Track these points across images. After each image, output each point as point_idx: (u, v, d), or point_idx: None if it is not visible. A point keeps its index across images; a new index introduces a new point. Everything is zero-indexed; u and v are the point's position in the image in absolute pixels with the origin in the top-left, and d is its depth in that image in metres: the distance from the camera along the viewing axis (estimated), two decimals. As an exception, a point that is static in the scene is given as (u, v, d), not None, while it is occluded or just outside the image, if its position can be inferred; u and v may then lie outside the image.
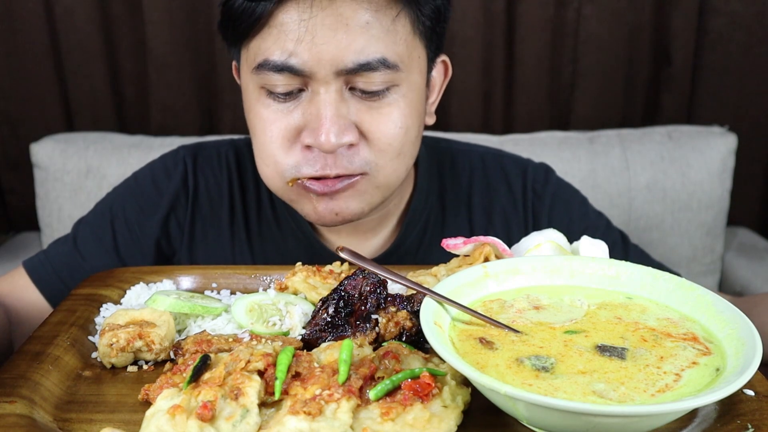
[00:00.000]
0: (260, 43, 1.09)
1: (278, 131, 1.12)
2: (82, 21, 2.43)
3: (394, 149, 1.14)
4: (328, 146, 1.07)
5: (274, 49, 1.07)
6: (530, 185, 1.41)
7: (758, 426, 0.72)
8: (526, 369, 0.73)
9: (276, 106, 1.12)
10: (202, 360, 0.77)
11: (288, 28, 1.06)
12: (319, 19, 1.05)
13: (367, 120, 1.11)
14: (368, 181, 1.15)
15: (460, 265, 0.98)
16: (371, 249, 1.36)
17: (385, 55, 1.08)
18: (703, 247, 2.41)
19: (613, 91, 2.58)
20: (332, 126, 1.07)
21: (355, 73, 1.07)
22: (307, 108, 1.10)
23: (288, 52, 1.06)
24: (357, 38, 1.05)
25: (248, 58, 1.13)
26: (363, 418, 0.72)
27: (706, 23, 2.49)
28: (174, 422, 0.69)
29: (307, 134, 1.10)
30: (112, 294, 1.04)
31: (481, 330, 0.81)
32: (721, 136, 2.39)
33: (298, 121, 1.11)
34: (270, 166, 1.15)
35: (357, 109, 1.10)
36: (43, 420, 0.74)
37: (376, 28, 1.07)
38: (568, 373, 0.72)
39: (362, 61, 1.06)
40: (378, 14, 1.07)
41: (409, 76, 1.13)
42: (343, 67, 1.06)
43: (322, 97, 1.08)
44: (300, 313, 0.94)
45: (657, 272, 0.89)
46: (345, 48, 1.05)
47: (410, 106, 1.14)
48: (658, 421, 0.68)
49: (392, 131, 1.12)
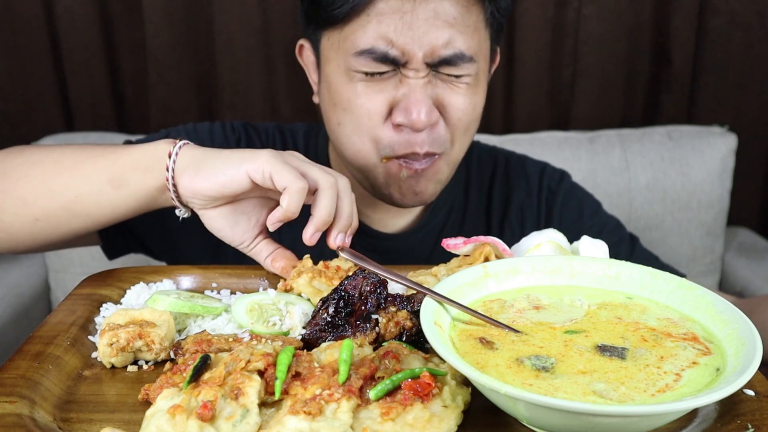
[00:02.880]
0: (357, 29, 1.19)
1: (374, 106, 1.22)
2: (82, 21, 2.43)
3: (464, 124, 1.26)
4: (420, 124, 1.19)
5: (375, 37, 1.17)
6: (546, 183, 1.52)
7: (758, 426, 0.72)
8: (527, 369, 0.73)
9: (367, 83, 1.21)
10: (202, 360, 0.77)
11: (386, 18, 1.16)
12: (418, 13, 1.16)
13: (446, 99, 1.23)
14: (443, 160, 1.27)
15: (460, 265, 0.98)
16: (401, 225, 1.46)
17: (468, 49, 1.20)
18: (703, 247, 2.41)
19: (613, 91, 2.58)
20: (423, 106, 1.19)
21: (441, 62, 1.19)
22: (398, 89, 1.21)
23: (388, 41, 1.17)
24: (446, 32, 1.18)
25: (341, 42, 1.22)
26: (363, 418, 0.72)
27: (706, 23, 2.49)
28: (174, 422, 0.69)
29: (399, 113, 1.20)
30: (112, 294, 1.04)
31: (481, 330, 0.81)
32: (721, 136, 2.39)
33: (390, 99, 1.21)
34: (367, 143, 1.25)
35: (438, 90, 1.22)
36: (43, 420, 0.74)
37: (460, 24, 1.19)
38: (569, 373, 0.72)
39: (449, 54, 1.18)
40: (463, 11, 1.19)
41: (480, 64, 1.26)
42: (436, 57, 1.18)
43: (413, 80, 1.19)
44: (300, 313, 0.94)
45: (657, 272, 0.89)
46: (436, 40, 1.17)
47: (477, 87, 1.27)
48: (658, 421, 0.68)
49: (464, 107, 1.24)
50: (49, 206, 1.11)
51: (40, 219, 1.13)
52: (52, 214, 1.12)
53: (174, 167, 1.03)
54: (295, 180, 0.96)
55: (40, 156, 1.15)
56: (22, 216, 1.13)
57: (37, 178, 1.12)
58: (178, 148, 1.04)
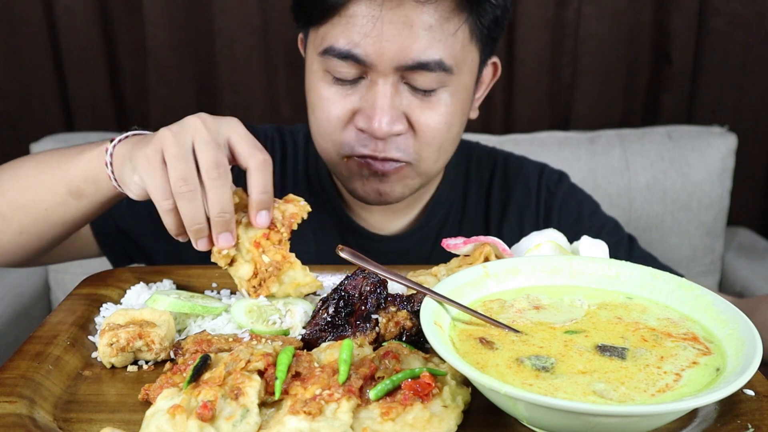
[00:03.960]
0: (329, 30, 1.18)
1: (336, 111, 1.21)
2: (82, 21, 2.43)
3: (437, 142, 1.24)
4: (380, 133, 1.17)
5: (340, 37, 1.16)
6: (545, 184, 1.52)
7: (758, 426, 0.72)
8: (527, 369, 0.73)
9: (336, 88, 1.21)
10: (202, 360, 0.77)
11: (357, 21, 1.15)
12: (387, 18, 1.13)
13: (416, 113, 1.20)
14: (411, 169, 1.25)
15: (460, 265, 0.98)
16: (398, 227, 1.46)
17: (442, 58, 1.16)
18: (703, 247, 2.41)
19: (613, 91, 2.58)
20: (385, 115, 1.17)
21: (412, 70, 1.16)
22: (364, 95, 1.20)
23: (353, 42, 1.15)
24: (419, 39, 1.14)
25: (315, 41, 1.22)
26: (363, 418, 0.72)
27: (706, 23, 2.49)
28: (174, 422, 0.69)
29: (361, 119, 1.20)
30: (112, 294, 1.04)
31: (481, 330, 0.81)
32: (721, 136, 2.39)
33: (355, 105, 1.21)
34: (328, 142, 1.25)
35: (408, 102, 1.20)
36: (43, 420, 0.74)
37: (437, 32, 1.15)
38: (569, 373, 0.72)
39: (421, 60, 1.15)
40: (441, 20, 1.15)
41: (460, 77, 1.22)
42: (402, 63, 1.15)
43: (380, 87, 1.17)
44: (300, 313, 0.94)
45: (657, 272, 0.89)
46: (407, 47, 1.14)
47: (456, 105, 1.23)
48: (658, 421, 0.68)
49: (437, 126, 1.22)
50: (26, 220, 1.16)
51: (23, 232, 1.18)
52: (32, 225, 1.17)
53: (114, 175, 1.04)
54: (160, 200, 0.93)
55: (13, 171, 1.19)
56: (7, 231, 1.18)
57: (10, 194, 1.17)
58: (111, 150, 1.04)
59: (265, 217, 0.96)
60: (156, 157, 0.92)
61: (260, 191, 0.95)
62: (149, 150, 0.93)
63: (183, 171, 0.91)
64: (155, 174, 0.92)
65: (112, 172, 1.04)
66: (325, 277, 1.11)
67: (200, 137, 0.93)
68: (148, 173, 0.93)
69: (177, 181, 0.91)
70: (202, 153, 0.92)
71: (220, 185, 0.92)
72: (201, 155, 0.92)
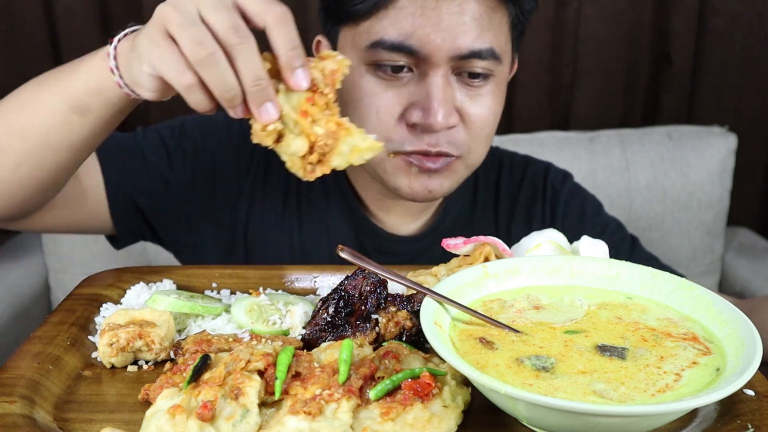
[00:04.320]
0: (374, 24, 1.16)
1: (385, 105, 1.18)
2: (82, 21, 2.43)
3: (486, 134, 1.24)
4: (438, 126, 1.15)
5: (391, 29, 1.14)
6: (550, 182, 1.53)
7: (758, 426, 0.72)
8: (527, 369, 0.73)
9: (383, 82, 1.18)
10: (202, 360, 0.77)
11: (408, 12, 1.13)
12: (441, 8, 1.12)
13: (467, 105, 1.19)
14: (461, 162, 1.24)
15: (460, 265, 0.98)
16: (414, 228, 1.45)
17: (493, 47, 1.17)
18: (703, 247, 2.41)
19: (613, 91, 2.58)
20: (442, 108, 1.14)
21: (465, 59, 1.15)
22: (416, 88, 1.17)
23: (406, 33, 1.13)
24: (472, 28, 1.14)
25: (356, 36, 1.19)
26: (363, 418, 0.72)
27: (706, 23, 2.49)
28: (174, 422, 0.69)
29: (415, 113, 1.17)
30: (112, 294, 1.04)
31: (481, 330, 0.81)
32: (721, 136, 2.39)
33: (406, 99, 1.18)
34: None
35: (459, 94, 1.19)
36: (43, 420, 0.74)
37: (486, 21, 1.16)
38: (569, 373, 0.72)
39: (474, 49, 1.14)
40: (489, 10, 1.16)
41: (503, 68, 1.23)
42: (457, 53, 1.14)
43: (433, 79, 1.15)
44: (300, 313, 0.94)
45: (657, 272, 0.89)
46: (461, 36, 1.13)
47: (500, 95, 1.25)
48: (658, 421, 0.68)
49: (486, 117, 1.22)
50: (24, 147, 1.03)
51: (22, 162, 1.04)
52: (31, 154, 1.03)
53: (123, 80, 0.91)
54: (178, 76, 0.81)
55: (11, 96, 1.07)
56: (4, 164, 1.05)
57: (6, 119, 1.04)
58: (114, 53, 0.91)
59: (303, 76, 0.83)
60: (160, 34, 0.80)
61: (288, 47, 0.82)
62: (151, 29, 0.81)
63: (195, 36, 0.78)
64: (164, 50, 0.80)
65: (120, 77, 0.91)
66: (325, 277, 1.12)
67: (205, 2, 0.80)
68: (157, 53, 0.81)
69: (192, 48, 0.78)
70: (213, 19, 0.79)
71: (247, 49, 0.79)
72: (213, 21, 0.79)
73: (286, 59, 0.82)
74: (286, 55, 0.82)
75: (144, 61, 0.83)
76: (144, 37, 0.83)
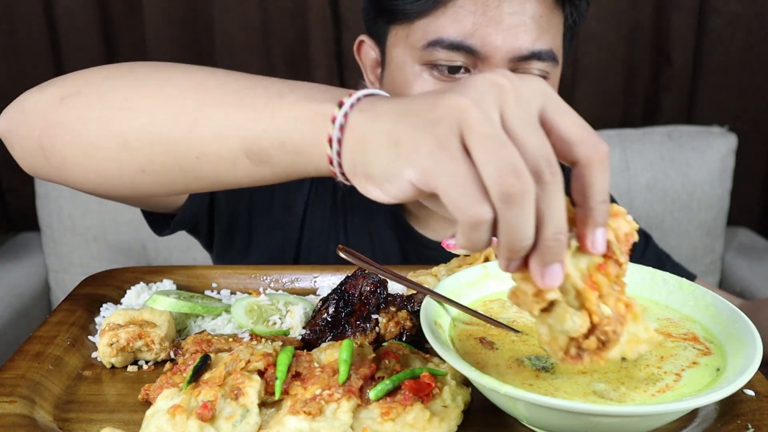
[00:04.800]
0: (431, 22, 1.13)
1: None
2: (82, 21, 2.43)
3: None
4: None
5: (449, 28, 1.11)
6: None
7: (758, 426, 0.72)
8: (527, 369, 0.73)
9: (438, 82, 1.15)
10: (202, 360, 0.77)
11: (468, 10, 1.10)
12: (504, 6, 1.10)
13: None
14: None
15: (460, 265, 0.98)
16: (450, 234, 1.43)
17: (552, 48, 1.14)
18: (703, 247, 2.41)
19: (613, 91, 2.58)
20: None
21: (525, 60, 1.12)
22: None
23: (467, 32, 1.10)
24: (533, 29, 1.11)
25: (411, 35, 1.16)
26: (363, 418, 0.72)
27: (706, 23, 2.49)
28: (174, 422, 0.69)
29: None
30: (112, 294, 1.04)
31: (481, 330, 0.81)
32: (721, 136, 2.39)
33: None
34: None
35: None
36: (43, 420, 0.74)
37: (546, 23, 1.13)
38: (569, 373, 0.72)
39: (535, 50, 1.12)
40: (547, 11, 1.14)
41: (557, 71, 1.21)
42: (518, 54, 1.11)
43: None
44: (300, 313, 0.94)
45: (657, 272, 0.89)
46: (522, 36, 1.11)
47: None
48: (658, 421, 0.68)
49: None
50: (161, 160, 0.80)
51: (147, 171, 0.82)
52: (166, 170, 0.81)
53: (341, 160, 0.67)
54: (470, 207, 0.58)
55: (151, 81, 0.81)
56: (124, 163, 0.82)
57: (144, 116, 0.79)
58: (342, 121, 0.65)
59: (602, 239, 0.63)
60: (454, 141, 0.58)
61: (601, 198, 0.61)
62: (440, 130, 0.58)
63: (508, 161, 0.56)
64: (458, 168, 0.58)
65: (337, 155, 0.66)
66: (325, 277, 1.12)
67: (512, 112, 0.59)
68: (446, 169, 0.58)
69: (503, 179, 0.56)
70: (526, 138, 0.58)
71: (557, 191, 0.59)
72: (526, 142, 0.58)
73: (596, 213, 0.62)
74: (596, 208, 0.61)
75: (414, 165, 0.60)
76: (424, 135, 0.59)
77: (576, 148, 0.60)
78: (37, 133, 0.89)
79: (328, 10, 2.40)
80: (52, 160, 0.88)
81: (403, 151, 0.61)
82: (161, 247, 2.35)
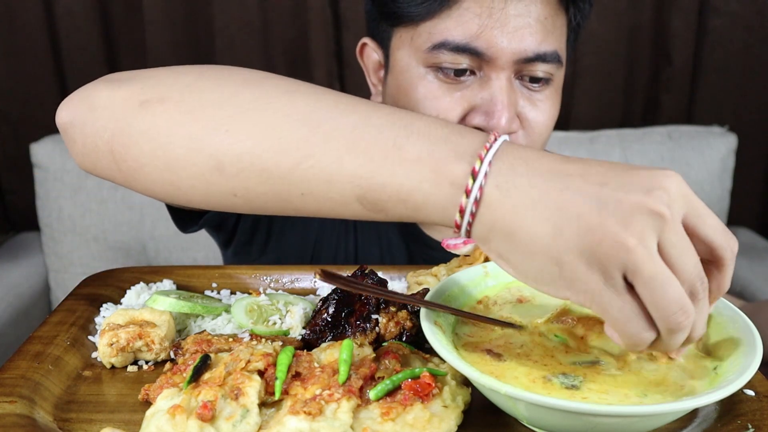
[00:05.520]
0: (437, 24, 1.13)
1: (445, 109, 1.15)
2: (82, 21, 2.43)
3: (543, 139, 1.21)
4: (501, 131, 1.11)
5: (455, 31, 1.11)
6: None
7: (758, 426, 0.72)
8: (555, 386, 0.73)
9: (444, 85, 1.15)
10: (202, 360, 0.77)
11: (474, 12, 1.10)
12: (510, 8, 1.10)
13: (527, 110, 1.17)
14: None
15: (460, 265, 0.98)
16: None
17: (557, 50, 1.15)
18: (703, 247, 2.41)
19: (613, 91, 2.58)
20: (506, 112, 1.11)
21: (530, 62, 1.13)
22: (478, 92, 1.14)
23: (472, 35, 1.10)
24: (538, 30, 1.12)
25: (416, 38, 1.16)
26: (363, 418, 0.72)
27: (706, 23, 2.49)
28: (174, 422, 0.69)
29: (477, 117, 1.14)
30: (112, 294, 1.04)
31: (485, 341, 0.80)
32: (721, 136, 2.39)
33: (467, 103, 1.15)
34: None
35: (520, 98, 1.16)
36: (43, 420, 0.74)
37: (551, 24, 1.14)
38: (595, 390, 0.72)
39: (540, 52, 1.12)
40: (552, 14, 1.15)
41: (562, 73, 1.22)
42: (524, 56, 1.12)
43: (497, 83, 1.12)
44: (300, 313, 0.94)
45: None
46: (528, 38, 1.11)
47: (557, 101, 1.22)
48: (658, 421, 0.67)
49: (545, 122, 1.19)
50: (258, 189, 0.74)
51: (240, 196, 0.76)
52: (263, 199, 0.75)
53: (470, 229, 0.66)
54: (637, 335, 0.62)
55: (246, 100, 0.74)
56: (214, 186, 0.76)
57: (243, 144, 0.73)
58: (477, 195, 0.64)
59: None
60: (619, 279, 0.61)
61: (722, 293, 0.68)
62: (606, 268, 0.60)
63: (677, 299, 0.61)
64: (625, 303, 0.62)
65: (468, 225, 0.65)
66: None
67: (670, 239, 0.60)
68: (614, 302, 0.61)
69: (672, 316, 0.61)
70: (679, 262, 0.61)
71: (705, 305, 0.65)
72: (683, 269, 0.61)
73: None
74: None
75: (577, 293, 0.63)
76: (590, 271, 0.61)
77: (716, 252, 0.64)
78: (107, 135, 0.81)
79: (328, 10, 2.40)
80: (122, 165, 0.81)
81: (566, 275, 0.62)
82: (161, 247, 2.35)
